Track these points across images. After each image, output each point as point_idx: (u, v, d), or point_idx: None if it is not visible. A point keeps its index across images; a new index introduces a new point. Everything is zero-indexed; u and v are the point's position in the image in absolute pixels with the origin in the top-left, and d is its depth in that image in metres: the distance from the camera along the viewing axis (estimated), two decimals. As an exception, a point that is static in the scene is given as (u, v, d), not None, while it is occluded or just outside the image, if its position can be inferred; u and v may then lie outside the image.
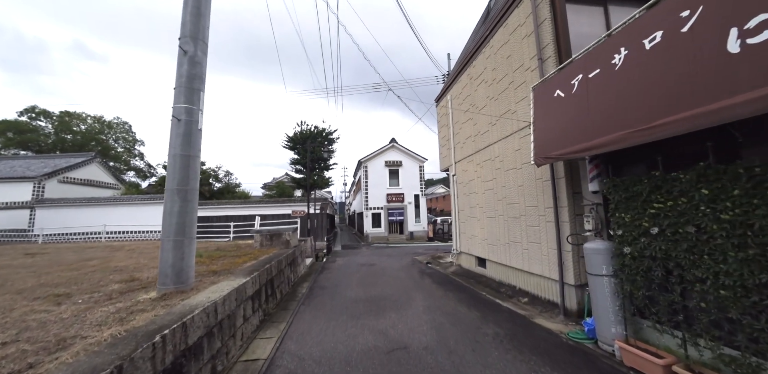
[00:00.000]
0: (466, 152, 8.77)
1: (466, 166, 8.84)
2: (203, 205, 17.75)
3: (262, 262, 5.89)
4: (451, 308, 5.31)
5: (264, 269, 5.24)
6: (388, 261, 11.73)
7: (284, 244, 8.59)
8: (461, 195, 9.32)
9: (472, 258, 8.57)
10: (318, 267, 10.63)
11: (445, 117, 10.56)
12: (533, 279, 5.70)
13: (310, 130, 20.33)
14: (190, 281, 3.52)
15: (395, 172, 23.44)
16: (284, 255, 7.07)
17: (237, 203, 17.79)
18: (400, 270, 9.42)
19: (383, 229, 22.74)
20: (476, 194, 8.19)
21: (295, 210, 13.99)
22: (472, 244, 8.45)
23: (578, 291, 4.62)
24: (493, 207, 7.19)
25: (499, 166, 6.92)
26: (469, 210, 8.66)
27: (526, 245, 5.84)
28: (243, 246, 9.09)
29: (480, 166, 7.91)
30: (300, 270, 8.91)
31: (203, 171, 24.14)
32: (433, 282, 7.58)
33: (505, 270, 6.78)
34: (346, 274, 8.97)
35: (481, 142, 7.78)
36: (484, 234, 7.67)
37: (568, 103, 3.80)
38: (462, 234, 9.29)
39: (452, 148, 9.82)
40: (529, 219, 5.77)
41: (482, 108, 7.71)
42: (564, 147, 3.74)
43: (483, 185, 7.73)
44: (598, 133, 3.25)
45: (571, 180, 4.80)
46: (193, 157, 3.58)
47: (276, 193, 24.31)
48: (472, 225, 8.50)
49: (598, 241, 3.66)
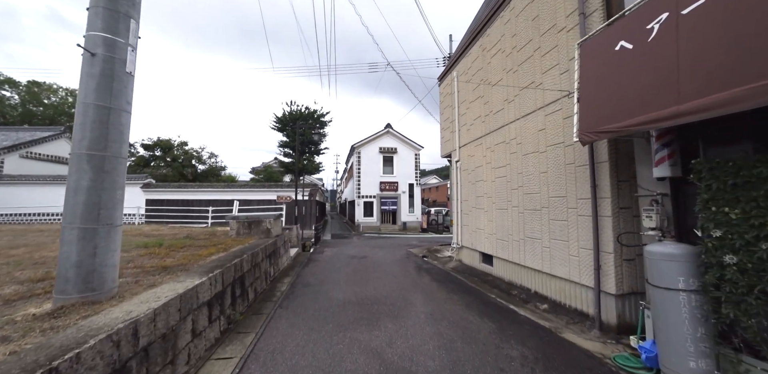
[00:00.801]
0: (474, 135, 7.77)
1: (473, 150, 7.85)
2: (181, 188, 16.54)
3: (233, 255, 4.88)
4: (458, 316, 4.41)
5: (231, 265, 4.24)
6: (381, 253, 10.83)
7: (264, 233, 7.57)
8: (465, 183, 8.37)
9: (476, 254, 7.70)
10: (304, 258, 9.66)
11: (449, 97, 9.49)
12: (555, 283, 4.83)
13: (300, 110, 19.00)
14: (109, 286, 2.49)
15: (390, 160, 22.37)
16: (262, 247, 6.06)
17: (219, 186, 16.57)
18: (394, 265, 8.52)
19: (375, 219, 21.84)
20: (484, 182, 7.24)
21: (281, 196, 12.90)
22: (477, 239, 7.56)
23: (619, 302, 3.75)
24: (506, 197, 6.26)
25: (515, 149, 5.95)
26: (475, 201, 7.73)
27: (548, 242, 4.94)
28: (218, 234, 8.03)
29: (490, 151, 6.93)
30: (282, 263, 7.93)
31: (185, 152, 22.73)
32: (433, 280, 6.69)
33: (516, 270, 5.91)
34: (335, 268, 8.02)
35: (494, 122, 6.77)
36: (492, 228, 6.77)
37: (640, 55, 2.79)
38: (464, 227, 8.39)
39: (456, 131, 8.80)
40: (553, 212, 4.85)
41: (496, 83, 6.67)
42: (629, 116, 2.76)
43: (493, 172, 6.78)
44: (697, 92, 2.26)
45: (616, 164, 3.86)
46: (116, 111, 2.49)
47: (263, 178, 23.09)
48: (477, 218, 7.59)
49: (670, 244, 2.74)
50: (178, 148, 22.79)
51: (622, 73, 2.97)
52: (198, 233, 8.27)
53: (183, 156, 22.43)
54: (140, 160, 20.59)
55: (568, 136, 4.57)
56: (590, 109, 3.36)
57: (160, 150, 22.04)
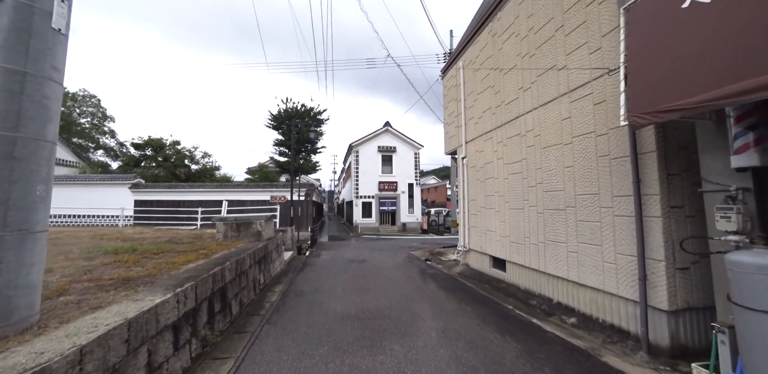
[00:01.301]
0: (483, 129, 7.16)
1: (482, 145, 7.24)
2: (172, 188, 15.84)
3: (214, 263, 4.23)
4: (475, 333, 3.79)
5: (209, 275, 3.59)
6: (381, 256, 10.20)
7: (255, 236, 6.91)
8: (473, 181, 7.76)
9: (486, 258, 7.08)
10: (298, 263, 9.01)
11: (454, 89, 8.89)
12: (585, 294, 4.21)
13: (296, 108, 18.35)
14: (20, 315, 1.83)
15: (389, 159, 21.75)
16: (250, 252, 5.41)
17: (211, 187, 15.89)
18: (396, 270, 7.89)
19: (374, 220, 21.20)
20: (495, 180, 6.63)
21: (275, 196, 12.24)
22: (487, 241, 6.95)
23: (672, 319, 3.13)
24: (521, 195, 5.65)
25: (532, 142, 5.35)
26: (484, 200, 7.12)
27: (575, 246, 4.33)
28: (205, 237, 7.37)
29: (502, 145, 6.33)
30: (274, 268, 7.28)
31: (177, 151, 21.99)
32: (440, 288, 6.06)
33: (535, 277, 5.29)
34: (332, 274, 7.38)
35: (506, 113, 6.17)
36: (505, 230, 6.16)
37: (726, 8, 2.18)
38: (472, 229, 7.77)
39: (462, 126, 8.20)
40: (582, 212, 4.24)
41: (509, 70, 6.07)
42: (708, 89, 2.15)
43: (506, 168, 6.17)
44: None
45: (665, 155, 3.26)
46: (35, 78, 1.85)
47: (258, 178, 22.40)
48: (487, 218, 6.97)
49: (763, 251, 2.13)
50: (170, 148, 22.06)
51: (694, 36, 2.36)
52: (183, 236, 7.61)
53: (175, 155, 21.69)
54: (130, 160, 19.85)
55: (600, 123, 3.97)
56: (644, 85, 2.75)
57: (151, 149, 21.29)
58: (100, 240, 6.33)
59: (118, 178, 15.42)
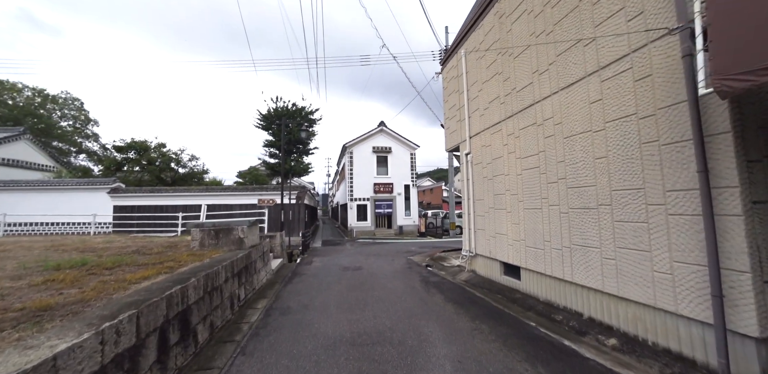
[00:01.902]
0: (490, 121, 6.47)
1: (489, 139, 6.55)
2: (154, 193, 14.91)
3: (175, 280, 3.43)
4: (500, 363, 3.04)
5: (163, 298, 2.81)
6: (378, 262, 9.42)
7: (235, 244, 6.10)
8: (479, 179, 7.05)
9: (496, 265, 6.35)
10: (288, 272, 8.19)
11: (455, 81, 8.21)
12: (627, 309, 3.50)
13: (286, 107, 17.56)
14: None
15: (384, 160, 21.02)
16: (228, 263, 4.61)
17: (196, 190, 14.99)
18: (395, 278, 7.12)
19: (369, 223, 20.40)
20: (506, 176, 5.92)
21: (262, 199, 11.41)
22: (497, 246, 6.22)
23: (764, 349, 2.42)
24: (539, 193, 4.94)
25: (552, 131, 4.65)
26: (492, 200, 6.41)
27: (612, 252, 3.62)
28: (180, 246, 6.54)
29: (514, 137, 5.63)
30: (259, 280, 6.46)
31: (162, 154, 21.03)
32: (448, 300, 5.31)
33: (558, 287, 4.57)
34: (324, 285, 6.59)
35: (518, 102, 5.48)
36: (519, 233, 5.44)
37: None
38: (479, 232, 7.05)
39: (466, 119, 7.51)
40: (621, 210, 3.53)
41: (520, 53, 5.39)
42: None
43: (519, 163, 5.46)
44: None
45: (742, 137, 2.56)
46: None
47: (248, 181, 21.51)
48: (496, 220, 6.25)
49: None
50: (156, 150, 21.10)
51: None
52: (156, 245, 6.76)
53: (160, 158, 20.71)
54: (111, 163, 18.83)
55: (644, 103, 3.28)
56: (738, 36, 2.05)
57: (134, 152, 20.31)
58: (53, 252, 5.47)
59: (95, 183, 14.46)
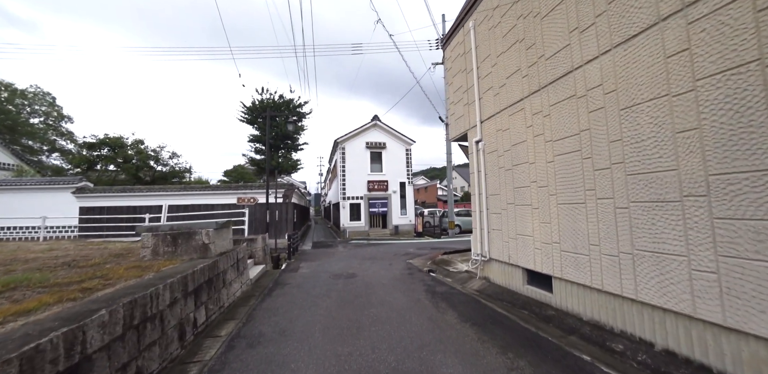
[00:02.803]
0: (508, 100, 5.41)
1: (506, 122, 5.48)
2: (125, 192, 13.57)
3: (75, 314, 2.28)
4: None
5: (17, 355, 1.65)
6: (374, 268, 8.30)
7: (198, 251, 4.92)
8: (493, 171, 5.98)
9: (517, 272, 5.28)
10: (269, 281, 7.02)
11: (461, 59, 7.14)
12: (744, 347, 2.44)
13: (273, 99, 16.30)
14: None
15: (378, 156, 19.89)
16: (177, 279, 3.45)
17: (172, 189, 13.69)
18: (395, 288, 6.02)
19: (363, 223, 19.27)
20: (530, 165, 4.86)
21: (242, 198, 10.19)
22: (519, 249, 5.16)
23: None
24: (580, 183, 3.88)
25: (600, 103, 3.60)
26: (512, 194, 5.34)
27: (710, 263, 2.57)
28: (133, 254, 5.35)
29: (542, 116, 4.57)
30: (231, 294, 5.29)
31: (139, 151, 19.59)
32: (464, 320, 4.21)
33: (612, 305, 3.51)
34: (309, 299, 5.45)
35: (547, 72, 4.43)
36: (550, 234, 4.38)
37: None
38: (493, 233, 5.98)
39: (475, 101, 6.43)
40: (727, 203, 2.48)
41: (551, 10, 4.33)
42: None
43: (550, 148, 4.41)
44: None
45: None
46: None
47: (233, 179, 20.19)
48: (517, 218, 5.19)
49: None
50: (132, 147, 19.64)
51: None
52: (103, 254, 5.55)
53: (137, 156, 19.27)
54: (81, 161, 17.33)
55: (772, 43, 2.22)
56: None
57: (108, 149, 18.83)
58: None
59: (58, 182, 13.04)
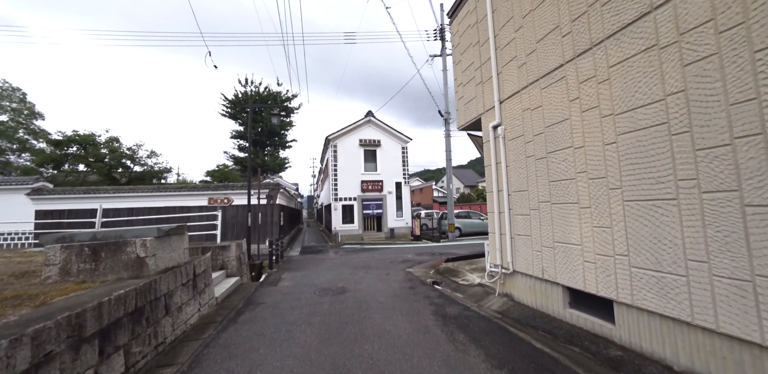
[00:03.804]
0: (539, 69, 4.22)
1: (537, 97, 4.29)
2: (87, 194, 12.12)
3: None
4: None
5: None
6: (368, 279, 7.04)
7: (130, 268, 3.62)
8: (517, 161, 4.78)
9: (555, 291, 4.06)
10: (240, 299, 5.71)
11: (472, 31, 5.95)
12: None
13: (258, 91, 14.98)
14: None
15: (372, 154, 18.66)
16: (52, 323, 2.16)
17: (134, 191, 12.28)
18: (395, 310, 4.76)
19: (356, 225, 17.99)
20: (574, 150, 3.67)
21: (214, 198, 8.87)
22: (558, 261, 3.95)
23: None
24: (669, 170, 2.69)
25: (710, 48, 2.42)
26: (547, 189, 4.14)
27: None
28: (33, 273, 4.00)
29: (596, 83, 3.38)
30: (178, 325, 3.98)
31: (113, 149, 18.07)
32: (496, 366, 2.98)
33: (735, 356, 2.31)
34: (284, 329, 4.17)
35: (607, 20, 3.25)
36: (610, 242, 3.18)
37: None
38: (519, 239, 4.76)
39: (492, 78, 5.25)
40: None
41: (608, -61, 3.16)
42: None
43: (609, 124, 3.21)
44: None
45: None
46: None
47: (217, 180, 18.77)
48: (555, 221, 3.98)
49: None
50: (106, 145, 18.12)
51: None
52: (8, 271, 4.20)
53: (110, 155, 17.75)
54: (44, 159, 15.76)
55: None
56: None
57: (78, 147, 17.29)
58: None
59: (10, 182, 11.55)
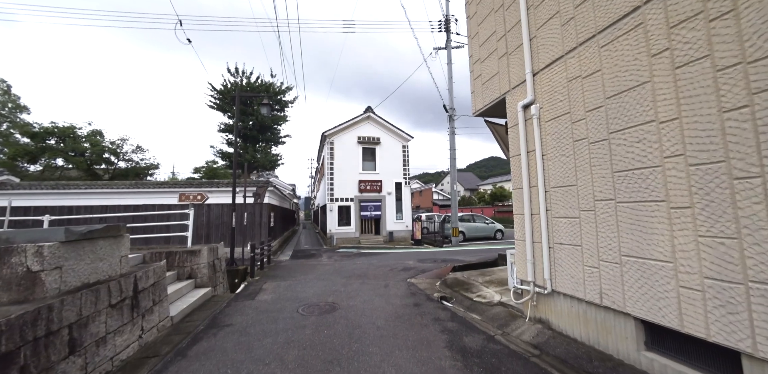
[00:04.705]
0: (595, 22, 3.13)
1: (593, 59, 3.20)
2: (56, 190, 10.99)
3: None
4: None
5: None
6: (364, 292, 5.91)
7: (15, 289, 2.49)
8: (558, 147, 3.67)
9: (624, 325, 2.93)
10: (203, 319, 4.57)
11: (494, -5, 4.87)
12: None
13: (249, 81, 13.88)
14: None
15: (371, 152, 17.57)
16: None
17: (109, 187, 11.16)
18: (397, 340, 3.63)
19: (353, 228, 16.86)
20: (660, 127, 2.56)
21: (185, 195, 7.74)
22: (628, 283, 2.82)
23: None
24: None
25: None
26: (609, 183, 3.03)
27: None
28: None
29: (707, 22, 2.29)
30: (97, 365, 2.83)
31: (94, 143, 16.93)
32: None
33: None
34: (247, 368, 3.02)
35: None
36: (740, 261, 2.06)
37: None
38: (561, 249, 3.64)
39: (523, 45, 4.17)
40: None
41: None
42: None
43: (744, 77, 2.11)
44: None
45: None
46: None
47: (205, 177, 17.63)
48: (624, 226, 2.86)
49: None
50: (88, 139, 16.98)
51: None
52: None
53: (92, 148, 16.60)
54: (18, 152, 14.60)
55: None
56: None
57: (57, 140, 16.14)
58: None
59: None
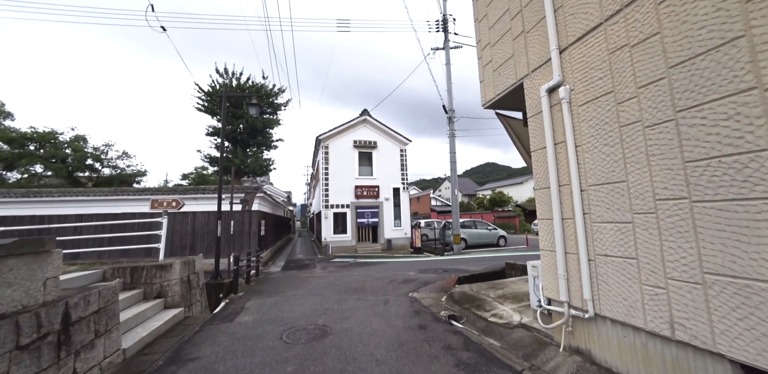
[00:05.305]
0: (652, -25, 2.48)
1: (650, 22, 2.53)
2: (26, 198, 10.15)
3: None
4: None
5: None
6: (360, 311, 5.12)
7: None
8: (598, 136, 2.98)
9: (714, 368, 2.20)
10: (167, 349, 3.76)
11: (506, -30, 4.25)
12: None
13: (239, 83, 13.22)
14: None
15: (368, 156, 16.90)
16: None
17: (86, 194, 10.33)
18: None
19: (350, 236, 16.07)
20: (767, 95, 1.88)
21: (158, 201, 6.96)
22: (716, 313, 2.07)
23: None
24: None
25: None
26: (675, 178, 2.32)
27: None
28: None
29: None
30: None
31: (76, 149, 16.12)
32: None
33: None
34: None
35: None
36: None
37: None
38: (606, 263, 2.90)
39: (546, 20, 3.53)
40: None
41: None
42: None
43: None
44: None
45: None
46: None
47: (193, 183, 16.82)
48: (710, 235, 2.13)
49: None
50: (70, 145, 16.17)
51: None
52: None
53: (75, 154, 15.78)
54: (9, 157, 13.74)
55: None
56: None
57: (36, 146, 15.31)
58: None
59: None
